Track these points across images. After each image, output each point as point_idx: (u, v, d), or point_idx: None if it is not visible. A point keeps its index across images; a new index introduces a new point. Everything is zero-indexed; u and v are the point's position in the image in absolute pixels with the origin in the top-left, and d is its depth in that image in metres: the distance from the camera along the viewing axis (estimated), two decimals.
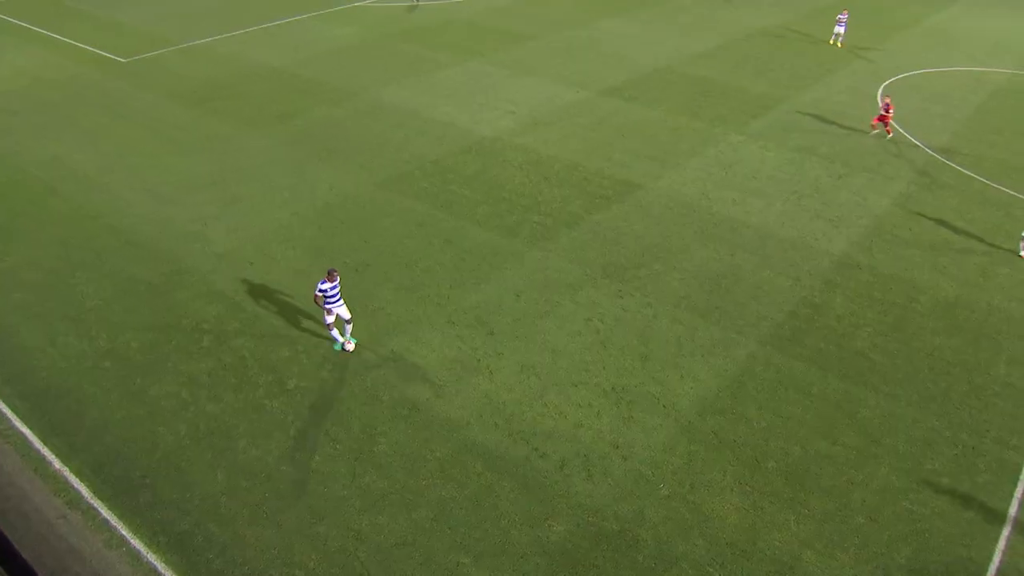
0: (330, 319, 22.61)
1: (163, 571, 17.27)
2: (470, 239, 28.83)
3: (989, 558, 19.12)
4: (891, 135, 41.35)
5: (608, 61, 49.09)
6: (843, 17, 55.43)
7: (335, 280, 22.05)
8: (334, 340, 23.14)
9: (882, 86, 49.08)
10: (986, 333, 27.21)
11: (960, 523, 19.93)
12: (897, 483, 20.76)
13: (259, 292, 26.02)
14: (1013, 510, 20.51)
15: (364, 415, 20.98)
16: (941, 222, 34.22)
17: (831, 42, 56.20)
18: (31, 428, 20.80)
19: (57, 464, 19.73)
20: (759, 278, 28.40)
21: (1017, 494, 21.04)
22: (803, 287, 28.19)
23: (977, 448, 22.33)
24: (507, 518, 18.41)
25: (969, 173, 38.43)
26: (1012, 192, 37.82)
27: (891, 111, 40.71)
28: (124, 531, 18.08)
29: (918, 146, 41.22)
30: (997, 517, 20.28)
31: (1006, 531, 19.92)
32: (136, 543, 17.83)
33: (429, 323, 24.40)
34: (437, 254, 27.84)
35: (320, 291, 22.08)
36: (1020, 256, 31.75)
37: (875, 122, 41.34)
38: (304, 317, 24.75)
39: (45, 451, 20.15)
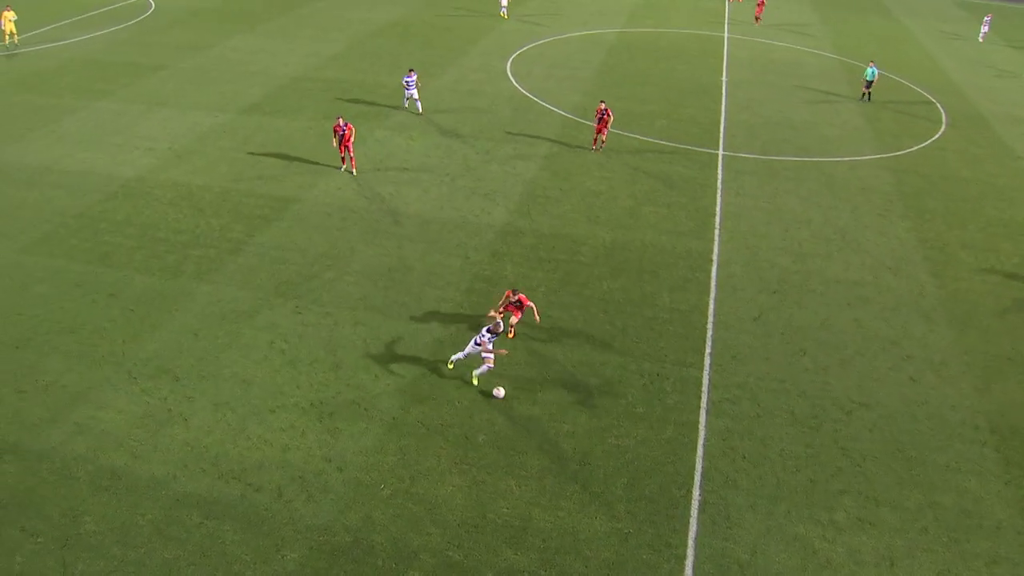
0: None
1: None
2: (134, 288, 27.64)
3: (693, 467, 21.41)
4: (596, 147, 39.99)
5: (242, 79, 48.29)
6: None
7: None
8: None
9: (510, 59, 51.98)
10: (646, 268, 29.95)
11: (662, 444, 22.10)
12: (600, 424, 22.58)
13: None
14: (702, 418, 23.04)
15: (62, 498, 19.72)
16: (587, 176, 37.02)
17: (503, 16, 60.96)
18: None
19: None
20: (430, 264, 29.48)
21: (703, 404, 23.59)
22: (473, 263, 29.60)
23: (661, 374, 24.69)
24: (238, 561, 18.16)
25: (586, 122, 41.66)
26: (642, 137, 41.60)
27: (608, 118, 38.70)
28: None
29: (552, 110, 44.16)
30: (691, 429, 22.71)
31: (701, 438, 22.36)
32: None
33: (109, 385, 23.26)
34: (103, 311, 26.48)
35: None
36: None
37: (597, 132, 39.35)
38: None
39: None
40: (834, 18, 71.26)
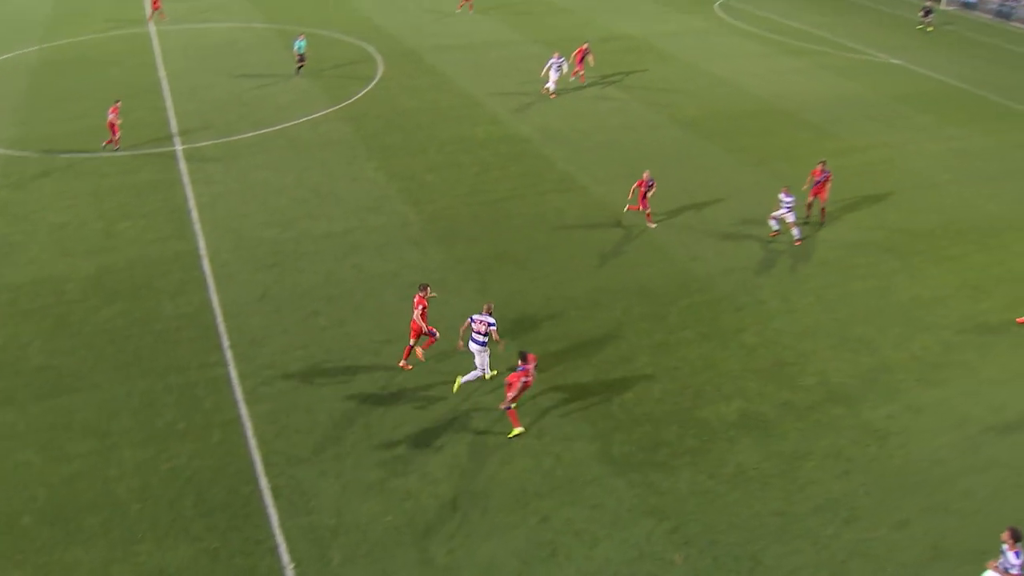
0: None
1: None
2: None
3: (250, 460, 21.34)
4: None
5: None
6: None
7: None
8: None
9: None
10: (140, 284, 28.77)
11: (213, 449, 21.74)
12: (147, 454, 21.49)
13: None
14: (243, 411, 22.99)
15: None
16: (46, 211, 34.21)
17: None
18: None
19: None
20: None
21: (239, 397, 23.41)
22: None
23: (189, 382, 24.08)
24: None
25: (32, 154, 38.84)
26: (94, 155, 39.42)
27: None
28: None
29: None
30: (235, 424, 22.58)
31: (248, 429, 22.32)
32: None
33: None
34: None
35: None
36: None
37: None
38: None
39: None
40: None
